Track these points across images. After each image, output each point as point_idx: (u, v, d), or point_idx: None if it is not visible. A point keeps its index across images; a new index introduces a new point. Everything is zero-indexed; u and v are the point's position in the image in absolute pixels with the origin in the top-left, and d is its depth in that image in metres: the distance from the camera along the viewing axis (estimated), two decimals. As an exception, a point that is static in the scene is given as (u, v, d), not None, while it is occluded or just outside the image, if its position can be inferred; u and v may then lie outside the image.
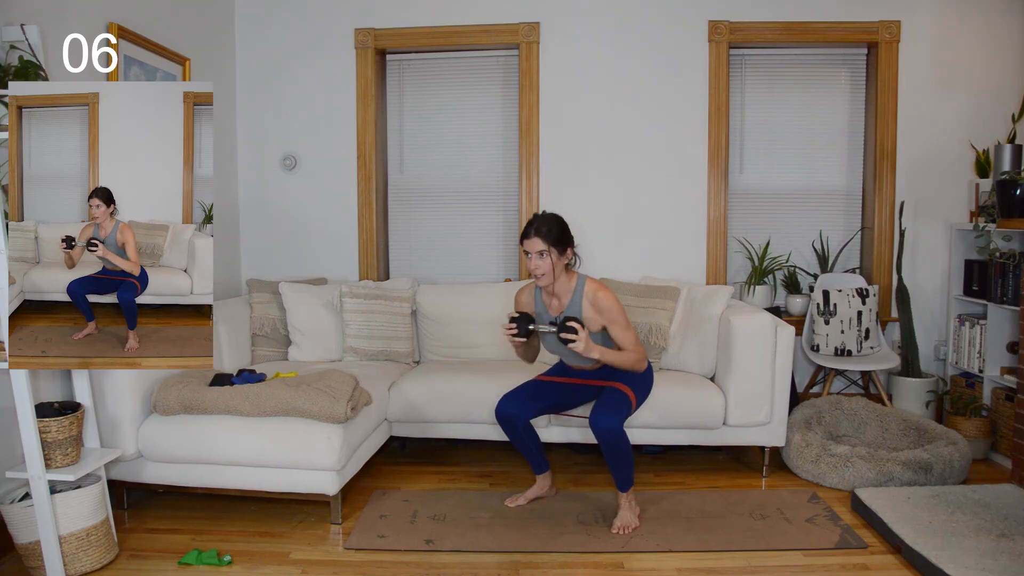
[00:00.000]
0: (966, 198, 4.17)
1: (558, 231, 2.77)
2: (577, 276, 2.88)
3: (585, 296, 2.83)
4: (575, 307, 2.84)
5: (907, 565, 2.52)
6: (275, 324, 3.88)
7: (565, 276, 2.85)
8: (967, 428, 3.64)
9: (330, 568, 2.56)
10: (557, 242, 2.76)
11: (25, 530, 2.44)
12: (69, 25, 2.99)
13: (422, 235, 4.55)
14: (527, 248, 2.77)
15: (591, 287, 2.83)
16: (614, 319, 2.81)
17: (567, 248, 2.80)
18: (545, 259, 2.75)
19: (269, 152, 4.46)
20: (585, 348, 2.69)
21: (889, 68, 4.15)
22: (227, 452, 2.83)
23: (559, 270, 2.80)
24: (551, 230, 2.75)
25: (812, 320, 4.06)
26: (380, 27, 4.32)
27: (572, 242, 2.84)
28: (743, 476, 3.43)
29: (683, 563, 2.56)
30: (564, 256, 2.80)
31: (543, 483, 3.12)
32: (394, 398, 3.41)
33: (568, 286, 2.85)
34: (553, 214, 2.83)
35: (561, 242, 2.77)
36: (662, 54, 4.23)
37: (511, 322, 2.80)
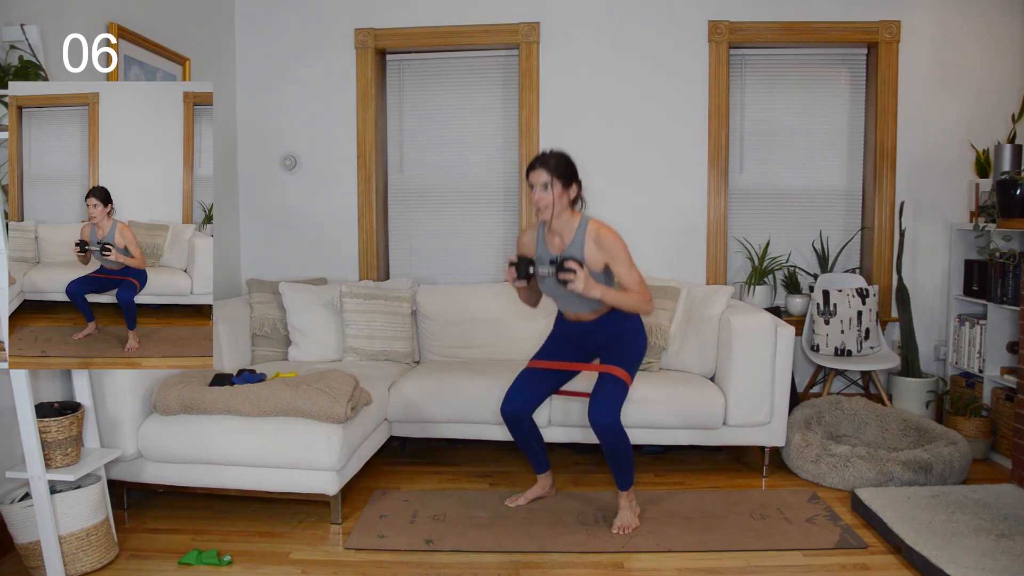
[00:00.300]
0: (966, 198, 4.17)
1: (564, 165, 2.72)
2: (581, 216, 2.81)
3: (588, 233, 2.76)
4: (577, 244, 2.76)
5: (907, 565, 2.52)
6: (275, 324, 3.88)
7: (569, 214, 2.78)
8: (967, 428, 3.64)
9: (330, 568, 2.56)
10: (562, 175, 2.70)
11: (25, 530, 2.44)
12: (69, 25, 2.99)
13: (422, 235, 4.55)
14: (532, 180, 2.72)
15: (594, 225, 2.76)
16: (616, 256, 2.73)
17: (572, 183, 2.75)
18: (548, 191, 2.69)
19: (269, 152, 4.46)
20: (584, 287, 2.62)
21: (889, 68, 4.15)
22: (227, 452, 2.83)
23: (562, 204, 2.73)
24: (558, 164, 2.70)
25: (812, 320, 4.06)
26: (380, 27, 4.33)
27: (578, 179, 2.78)
28: (743, 476, 3.43)
29: (683, 563, 2.56)
30: (568, 191, 2.74)
31: (544, 483, 3.11)
32: (394, 398, 3.41)
33: (571, 224, 2.78)
34: (560, 151, 2.77)
35: (566, 176, 2.72)
36: (662, 54, 4.23)
37: (510, 266, 2.75)
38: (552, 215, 2.73)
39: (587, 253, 2.75)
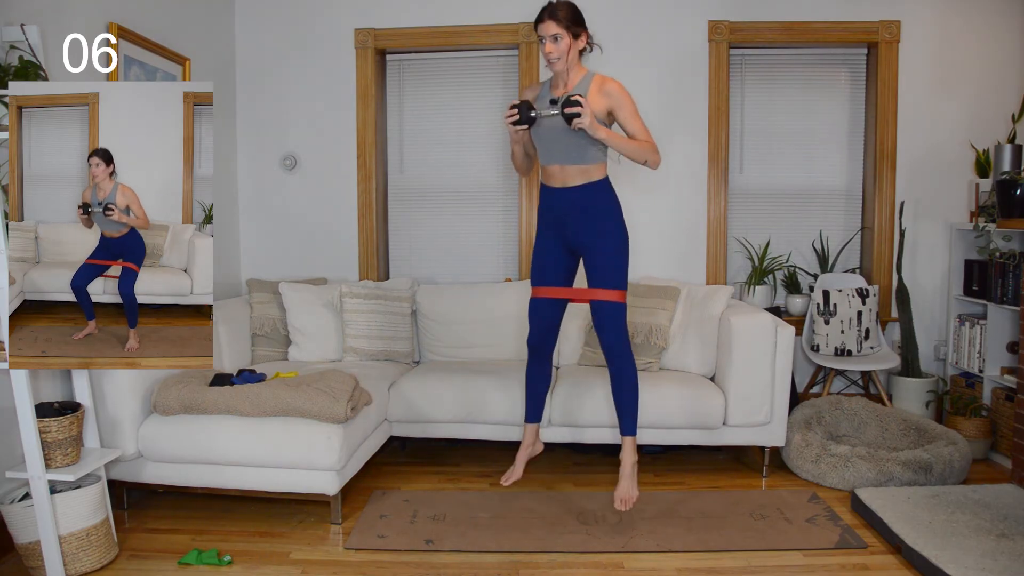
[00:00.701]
0: (966, 198, 4.17)
1: (572, 14, 2.69)
2: (587, 71, 2.79)
3: (593, 82, 2.74)
4: (582, 88, 2.74)
5: (907, 565, 2.52)
6: (275, 324, 3.88)
7: (577, 67, 2.77)
8: (967, 428, 3.64)
9: (330, 568, 2.56)
10: (572, 25, 2.68)
11: (25, 530, 2.44)
12: (69, 25, 2.99)
13: (422, 235, 4.55)
14: (541, 32, 2.68)
15: (599, 77, 2.75)
16: (622, 103, 2.71)
17: (582, 34, 2.72)
18: (559, 43, 2.67)
19: (269, 152, 4.46)
20: (590, 124, 2.59)
21: (889, 68, 4.15)
22: (227, 452, 2.83)
23: (572, 56, 2.71)
24: (567, 14, 2.67)
25: (812, 320, 4.06)
26: (380, 27, 4.33)
27: (586, 28, 2.74)
28: (743, 476, 3.43)
29: (683, 563, 2.56)
30: (578, 41, 2.72)
31: (530, 436, 3.09)
32: (394, 398, 3.41)
33: (577, 74, 2.77)
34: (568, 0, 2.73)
35: (576, 27, 2.69)
36: (662, 54, 4.23)
37: (511, 108, 2.69)
38: (563, 68, 2.71)
39: (592, 98, 2.71)
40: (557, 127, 2.71)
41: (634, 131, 2.74)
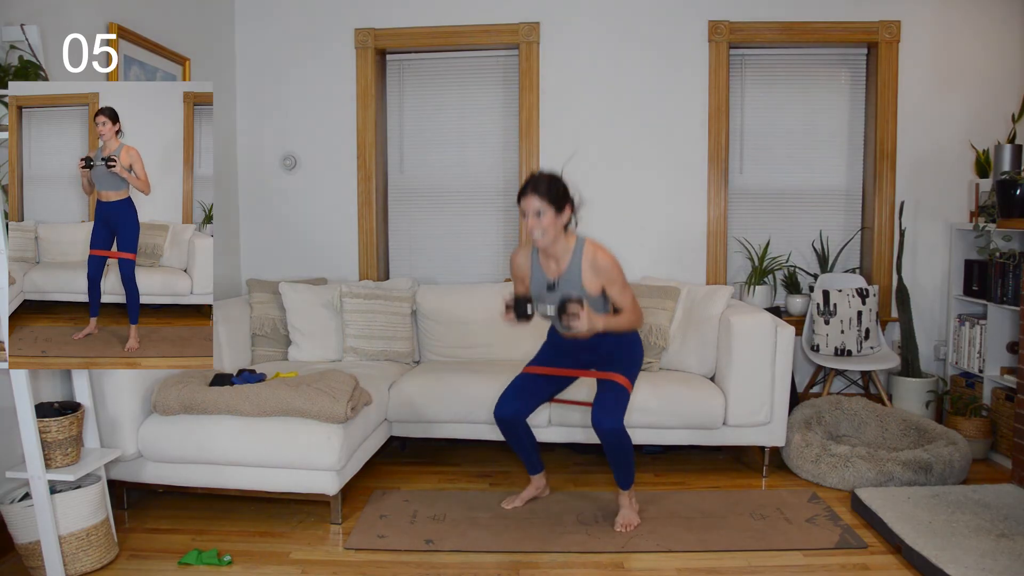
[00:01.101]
0: (966, 198, 4.17)
1: (557, 189, 2.66)
2: (576, 237, 2.77)
3: (584, 257, 2.72)
4: (574, 270, 2.73)
5: (907, 565, 2.52)
6: (275, 324, 3.88)
7: (563, 237, 2.74)
8: (967, 428, 3.64)
9: (330, 568, 2.56)
10: (555, 200, 2.65)
11: (25, 530, 2.44)
12: (69, 25, 2.99)
13: (422, 235, 4.55)
14: (524, 207, 2.66)
15: (590, 248, 2.73)
16: (613, 280, 2.72)
17: (565, 207, 2.70)
18: (542, 218, 2.64)
19: (269, 152, 4.46)
20: (589, 327, 2.63)
21: (889, 68, 4.15)
22: (227, 452, 2.82)
23: (556, 230, 2.69)
24: (550, 188, 2.64)
25: (812, 320, 4.06)
26: (380, 27, 4.33)
27: (572, 202, 2.73)
28: (743, 476, 3.43)
29: (683, 563, 2.56)
30: (562, 215, 2.69)
31: (538, 483, 3.11)
32: (394, 398, 3.41)
33: (567, 247, 2.75)
34: (552, 173, 2.71)
35: (559, 201, 2.66)
36: (662, 54, 4.23)
37: (508, 309, 2.72)
38: (546, 243, 2.70)
39: (584, 278, 2.73)
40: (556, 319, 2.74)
41: (623, 304, 2.77)
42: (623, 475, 2.82)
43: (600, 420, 2.70)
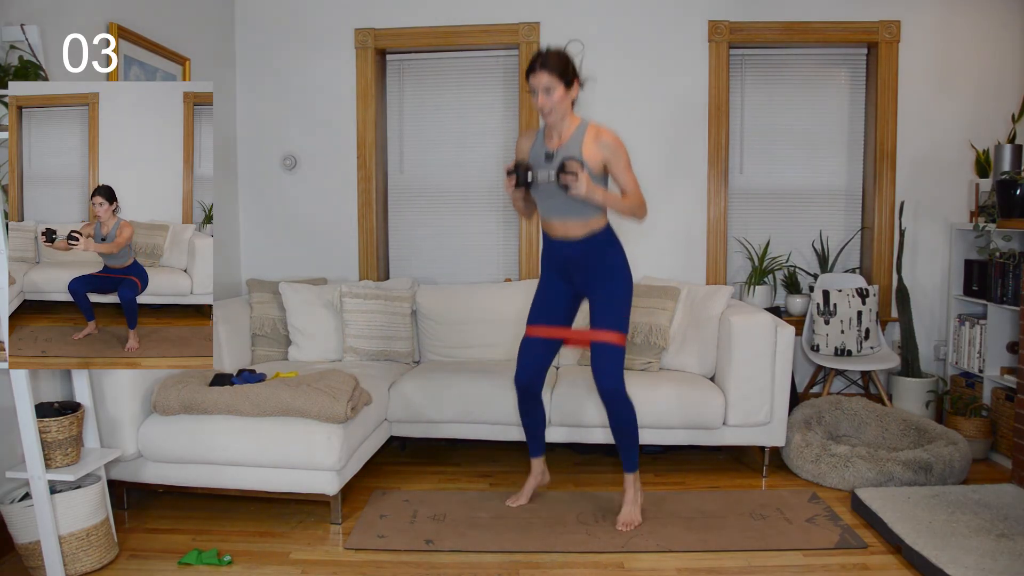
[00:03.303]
0: (966, 198, 4.17)
1: (564, 64, 2.65)
2: (581, 119, 2.76)
3: (587, 133, 2.71)
4: (576, 141, 2.71)
5: (907, 565, 2.52)
6: (275, 324, 3.88)
7: (570, 116, 2.73)
8: (967, 428, 3.64)
9: (330, 568, 2.56)
10: (564, 75, 2.64)
11: (25, 530, 2.44)
12: (69, 25, 2.99)
13: (422, 235, 4.55)
14: (533, 84, 2.64)
15: (594, 126, 2.72)
16: (616, 155, 2.68)
17: (574, 82, 2.69)
18: (552, 94, 2.63)
19: (269, 152, 4.46)
20: (587, 190, 2.58)
21: (889, 68, 4.15)
22: (227, 452, 2.82)
23: (565, 106, 2.67)
24: (558, 63, 2.63)
25: (812, 320, 4.06)
26: (380, 27, 4.33)
27: (579, 76, 2.71)
28: (743, 476, 3.43)
29: (683, 563, 2.56)
30: (570, 91, 2.68)
31: (537, 468, 3.09)
32: (394, 398, 3.41)
33: (571, 124, 2.74)
34: (558, 49, 2.68)
35: (568, 76, 2.65)
36: (662, 54, 4.23)
37: (508, 174, 2.70)
38: (556, 119, 2.68)
39: (586, 151, 2.69)
40: (555, 186, 2.68)
41: (625, 184, 2.73)
42: (627, 451, 2.82)
43: (601, 381, 2.73)
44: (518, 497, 3.06)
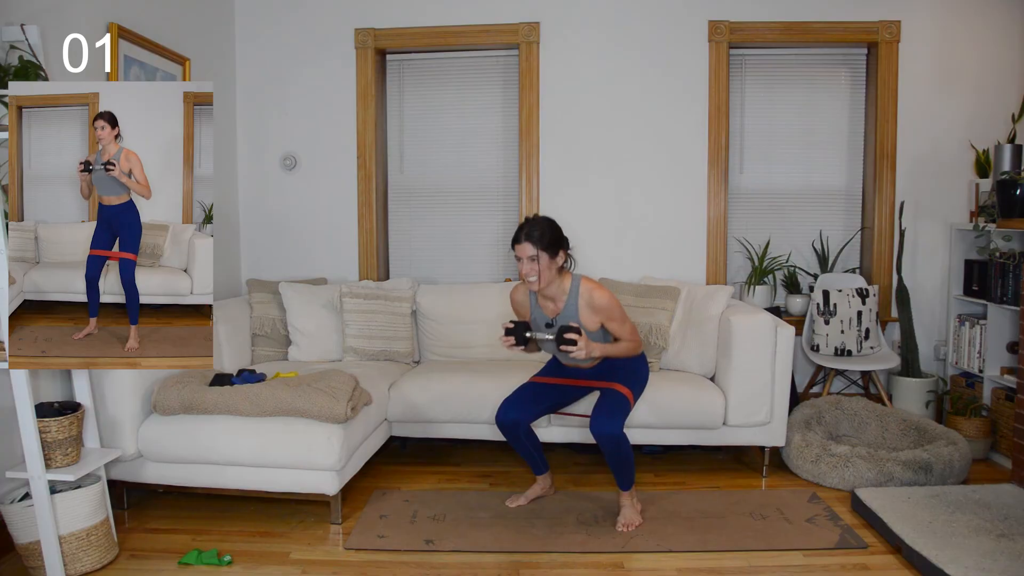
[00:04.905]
0: (966, 198, 4.17)
1: (549, 235, 2.72)
2: (571, 277, 2.84)
3: (580, 297, 2.80)
4: (571, 309, 2.81)
5: (907, 565, 2.52)
6: (275, 324, 3.88)
7: (559, 278, 2.81)
8: (967, 428, 3.64)
9: (330, 568, 2.56)
10: (548, 246, 2.71)
11: (25, 530, 2.44)
12: (69, 25, 2.99)
13: (422, 235, 4.55)
14: (517, 253, 2.74)
15: (586, 287, 2.80)
16: (611, 316, 2.80)
17: (559, 251, 2.76)
18: (535, 264, 2.71)
19: (269, 152, 4.46)
20: (587, 353, 2.70)
21: (889, 68, 4.15)
22: (227, 452, 2.83)
23: (550, 274, 2.75)
24: (543, 234, 2.70)
25: (812, 320, 4.06)
26: (380, 27, 4.32)
27: (566, 245, 2.79)
28: (743, 476, 3.43)
29: (683, 563, 2.56)
30: (555, 260, 2.75)
31: (543, 483, 3.12)
32: (394, 398, 3.41)
33: (562, 287, 2.82)
34: (545, 217, 2.78)
35: (552, 246, 2.72)
36: (662, 54, 4.23)
37: (507, 334, 2.77)
38: (541, 287, 2.76)
39: (582, 317, 2.80)
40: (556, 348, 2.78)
41: (621, 335, 2.84)
42: (623, 478, 2.84)
43: (598, 425, 2.72)
44: (518, 498, 3.06)
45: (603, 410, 2.76)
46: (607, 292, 2.80)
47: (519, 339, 2.77)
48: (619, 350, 2.84)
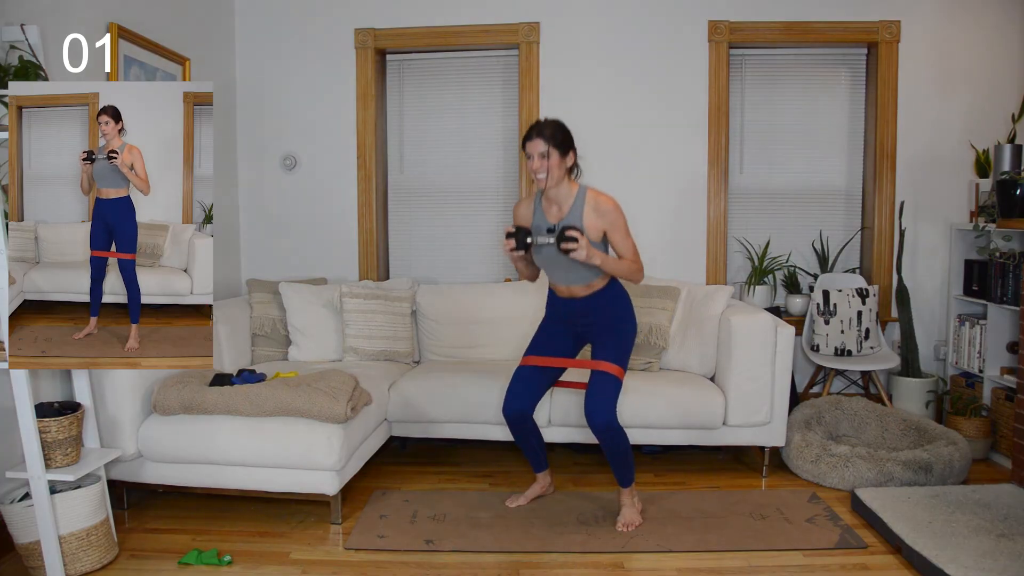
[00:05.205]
0: (966, 198, 4.17)
1: (561, 133, 2.70)
2: (579, 185, 2.80)
3: (587, 203, 2.74)
4: (576, 212, 2.75)
5: (907, 565, 2.52)
6: (275, 324, 3.88)
7: (566, 183, 2.76)
8: (967, 428, 3.64)
9: (330, 568, 2.56)
10: (559, 144, 2.68)
11: (25, 530, 2.44)
12: (69, 25, 2.99)
13: (422, 235, 4.55)
14: (528, 150, 2.69)
15: (592, 194, 2.75)
16: (616, 225, 2.74)
17: (569, 151, 2.73)
18: (545, 160, 2.67)
19: (269, 152, 4.46)
20: (587, 255, 2.61)
21: (889, 68, 4.15)
22: (227, 452, 2.82)
23: (559, 173, 2.71)
24: (554, 132, 2.68)
25: (812, 320, 4.06)
26: (380, 27, 4.32)
27: (575, 147, 2.76)
28: (743, 476, 3.43)
29: (683, 563, 2.56)
30: (565, 160, 2.72)
31: (543, 481, 3.12)
32: (394, 398, 3.41)
33: (569, 192, 2.77)
34: (556, 119, 2.75)
35: (563, 144, 2.70)
36: (662, 54, 4.23)
37: (508, 237, 2.74)
38: (550, 185, 2.72)
39: (586, 221, 2.73)
40: (556, 253, 2.73)
41: (624, 251, 2.77)
42: (622, 472, 2.83)
43: (592, 416, 2.71)
44: (518, 498, 3.06)
45: (596, 398, 2.74)
46: (615, 201, 2.75)
47: (519, 243, 2.72)
48: (620, 267, 2.75)
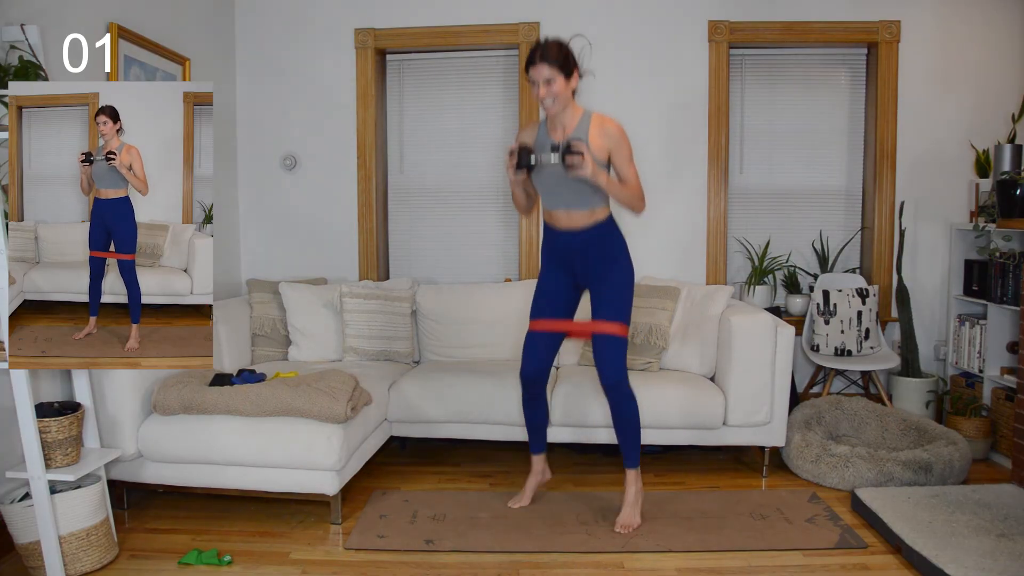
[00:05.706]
0: (966, 198, 4.17)
1: (564, 53, 2.64)
2: (584, 109, 2.76)
3: (592, 123, 2.70)
4: (582, 129, 2.70)
5: (907, 565, 2.52)
6: (275, 324, 3.88)
7: (572, 106, 2.72)
8: (967, 428, 3.64)
9: (330, 568, 2.56)
10: (564, 66, 2.63)
11: (25, 530, 2.44)
12: (69, 25, 2.99)
13: (422, 235, 4.55)
14: (533, 76, 2.63)
15: (599, 116, 2.72)
16: (620, 147, 2.69)
17: (574, 72, 2.68)
18: (553, 85, 2.62)
19: (269, 152, 4.46)
20: (592, 172, 2.57)
21: (889, 68, 4.15)
22: (227, 452, 2.82)
23: (566, 96, 2.67)
24: (558, 55, 2.62)
25: (812, 320, 4.06)
26: (380, 27, 4.33)
27: (579, 67, 2.70)
28: (743, 476, 3.43)
29: (683, 563, 2.56)
30: (570, 82, 2.67)
31: (538, 465, 3.09)
32: (394, 398, 3.41)
33: (574, 115, 2.73)
34: (557, 39, 2.68)
35: (569, 66, 2.65)
36: (662, 54, 4.23)
37: (510, 155, 2.69)
38: (557, 110, 2.67)
39: (592, 140, 2.68)
40: (559, 172, 2.66)
41: (627, 176, 2.73)
42: (628, 447, 2.82)
43: (604, 376, 2.73)
44: (520, 498, 3.06)
45: (605, 358, 2.74)
46: (620, 125, 2.71)
47: (522, 160, 2.67)
48: (623, 191, 2.69)
